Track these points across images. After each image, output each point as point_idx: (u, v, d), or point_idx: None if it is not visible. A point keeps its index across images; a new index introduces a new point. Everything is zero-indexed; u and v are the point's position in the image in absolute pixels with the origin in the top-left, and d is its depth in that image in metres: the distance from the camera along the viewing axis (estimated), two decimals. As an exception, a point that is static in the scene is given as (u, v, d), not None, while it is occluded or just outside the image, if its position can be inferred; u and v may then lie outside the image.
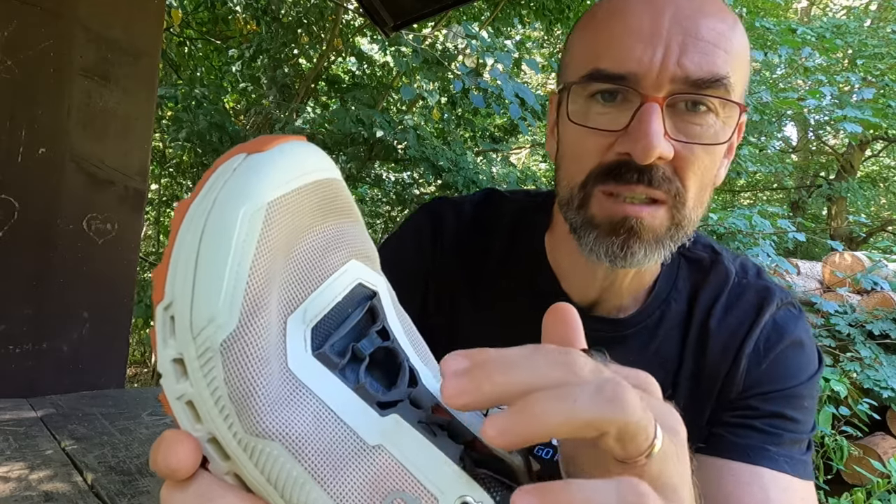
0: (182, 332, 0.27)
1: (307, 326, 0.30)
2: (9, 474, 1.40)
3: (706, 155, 0.59)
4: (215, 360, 0.27)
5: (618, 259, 0.60)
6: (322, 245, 0.32)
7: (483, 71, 4.68)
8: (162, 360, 0.28)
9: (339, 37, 5.78)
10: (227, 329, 0.27)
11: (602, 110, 0.59)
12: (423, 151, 4.92)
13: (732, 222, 3.83)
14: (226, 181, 0.29)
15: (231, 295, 0.27)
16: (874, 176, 11.41)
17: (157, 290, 0.29)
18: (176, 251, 0.28)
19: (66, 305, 2.14)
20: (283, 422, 0.28)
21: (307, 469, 0.27)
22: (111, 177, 2.24)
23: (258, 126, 5.90)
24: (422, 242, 0.77)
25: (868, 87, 5.94)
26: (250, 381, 0.27)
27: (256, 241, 0.28)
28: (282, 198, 0.29)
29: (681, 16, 0.57)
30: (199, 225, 0.28)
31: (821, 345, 3.66)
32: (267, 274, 0.29)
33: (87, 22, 2.13)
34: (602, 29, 0.60)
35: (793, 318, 0.69)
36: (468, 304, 0.75)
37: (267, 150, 0.30)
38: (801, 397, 0.66)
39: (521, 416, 0.25)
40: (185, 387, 0.28)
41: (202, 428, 0.28)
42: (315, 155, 0.33)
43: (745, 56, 0.60)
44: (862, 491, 2.87)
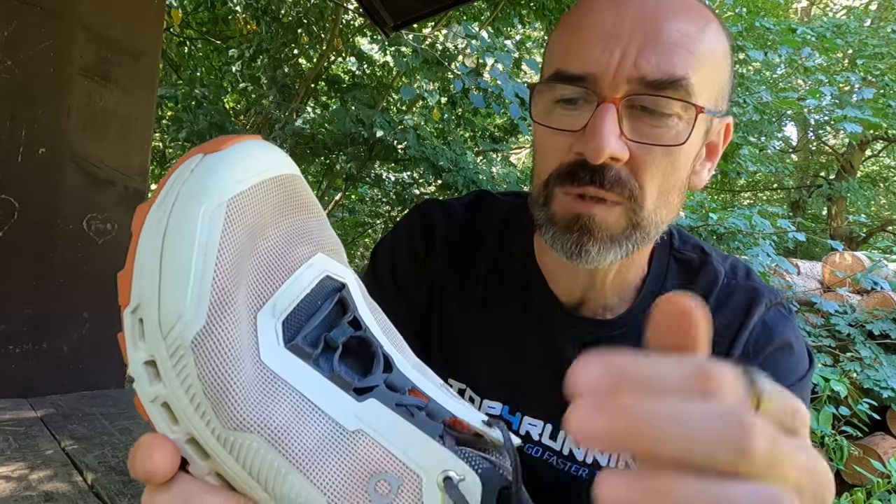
0: (152, 333, 0.28)
1: (277, 320, 0.31)
2: (9, 474, 1.40)
3: (665, 157, 0.59)
4: (187, 357, 0.27)
5: (573, 256, 0.61)
6: (286, 240, 0.33)
7: (483, 71, 4.68)
8: (133, 364, 0.29)
9: (339, 37, 5.78)
10: (197, 325, 0.27)
11: (564, 111, 0.60)
12: (423, 151, 4.92)
13: (732, 222, 3.83)
14: (184, 182, 0.29)
15: (198, 291, 0.27)
16: (874, 176, 11.42)
17: (123, 294, 0.29)
18: (139, 254, 0.28)
19: (66, 305, 2.14)
20: (261, 414, 0.28)
21: (289, 459, 0.28)
22: (111, 177, 2.24)
23: (258, 126, 5.90)
24: (414, 245, 0.78)
25: (868, 87, 5.94)
26: (224, 375, 0.27)
27: (219, 237, 0.28)
28: (241, 194, 0.30)
29: (643, 17, 0.57)
30: (160, 227, 0.28)
31: (820, 345, 3.66)
32: (233, 269, 0.29)
33: (87, 22, 2.13)
34: (569, 31, 0.61)
35: (782, 318, 0.69)
36: (461, 306, 0.75)
37: (223, 149, 0.31)
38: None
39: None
40: (158, 388, 0.28)
41: (179, 429, 0.28)
42: (271, 152, 0.33)
43: (715, 58, 0.60)
44: (862, 491, 2.88)
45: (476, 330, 0.74)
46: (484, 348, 0.74)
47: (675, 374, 0.24)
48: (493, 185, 5.31)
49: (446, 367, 0.76)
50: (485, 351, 0.74)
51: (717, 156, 0.67)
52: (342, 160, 5.77)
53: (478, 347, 0.74)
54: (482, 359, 0.74)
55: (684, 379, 0.24)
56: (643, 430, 0.22)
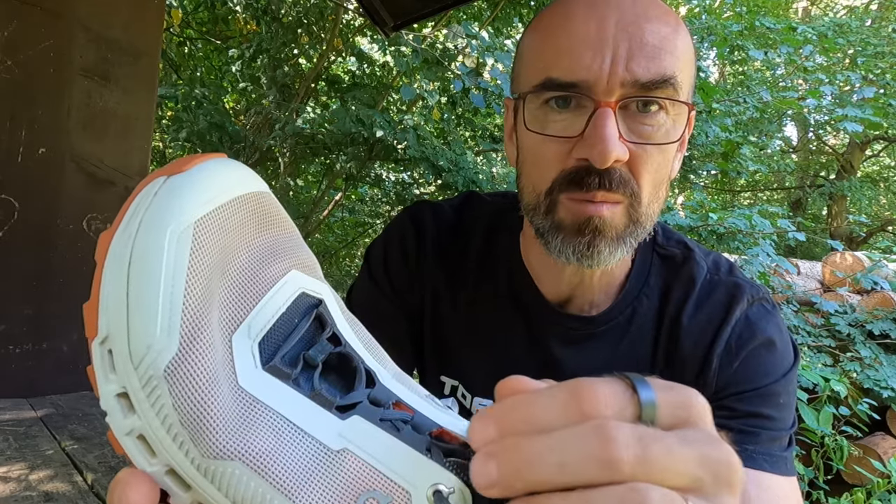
0: (122, 365, 0.27)
1: (253, 342, 0.30)
2: (9, 474, 1.40)
3: (659, 153, 0.61)
4: (161, 387, 0.26)
5: (584, 258, 0.62)
6: (258, 258, 0.32)
7: (483, 71, 4.68)
8: (105, 397, 0.28)
9: (339, 37, 5.78)
10: (169, 354, 0.26)
11: (557, 117, 0.61)
12: (423, 151, 4.92)
13: (732, 222, 3.83)
14: (147, 206, 0.28)
15: (168, 318, 0.27)
16: (874, 176, 11.42)
17: (90, 326, 0.28)
18: (104, 283, 0.27)
19: (66, 305, 2.14)
20: (241, 440, 0.27)
21: (273, 484, 0.27)
22: (111, 177, 2.24)
23: (258, 126, 5.90)
24: (406, 247, 0.79)
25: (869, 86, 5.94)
26: (200, 403, 0.27)
27: (187, 261, 0.28)
28: (207, 216, 0.29)
29: (625, 22, 0.59)
30: (125, 253, 0.27)
31: (820, 345, 3.66)
32: (203, 293, 0.28)
33: (87, 22, 2.13)
34: (550, 37, 0.62)
35: (765, 314, 0.70)
36: (451, 306, 0.76)
37: (186, 170, 0.30)
38: (776, 395, 0.67)
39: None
40: (133, 421, 0.27)
41: (157, 461, 0.28)
42: (237, 170, 0.32)
43: (689, 56, 0.63)
44: (862, 491, 2.87)
45: (466, 330, 0.75)
46: (474, 347, 0.75)
47: (552, 405, 0.26)
48: (494, 184, 5.31)
49: (439, 365, 0.78)
50: (475, 350, 0.75)
51: (685, 147, 0.69)
52: (342, 160, 5.77)
53: (468, 347, 0.75)
54: (473, 358, 0.75)
55: (561, 407, 0.25)
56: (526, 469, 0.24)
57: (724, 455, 0.26)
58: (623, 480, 0.24)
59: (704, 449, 0.26)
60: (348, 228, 7.73)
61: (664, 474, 0.24)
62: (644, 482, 0.24)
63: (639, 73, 0.57)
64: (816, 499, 2.95)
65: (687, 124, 0.63)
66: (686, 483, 0.25)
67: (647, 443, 0.24)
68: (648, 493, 0.24)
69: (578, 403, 0.26)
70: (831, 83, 5.96)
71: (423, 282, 0.77)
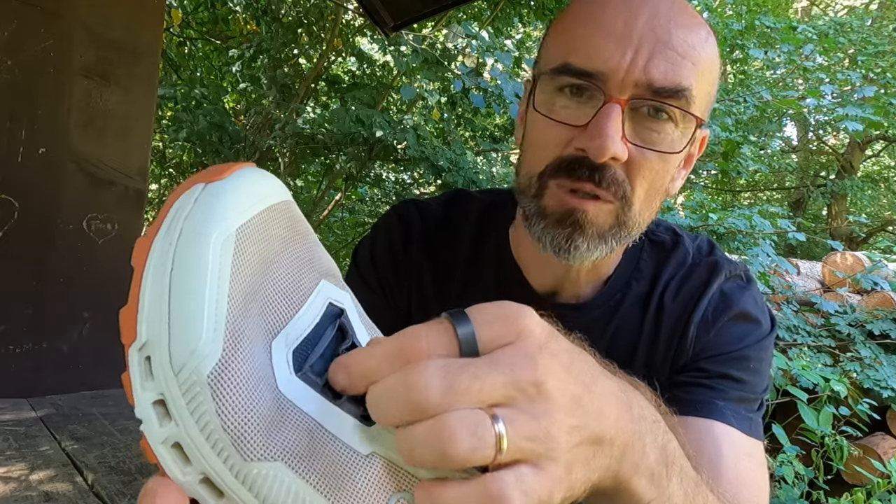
0: (161, 372, 0.27)
1: (289, 349, 0.31)
2: (9, 474, 1.40)
3: (660, 162, 0.60)
4: (203, 393, 0.26)
5: (561, 250, 0.62)
6: (295, 267, 0.33)
7: (483, 71, 4.68)
8: (141, 405, 0.28)
9: (339, 37, 5.77)
10: (213, 360, 0.27)
11: (567, 104, 0.61)
12: (423, 151, 4.92)
13: (732, 222, 3.83)
14: (188, 213, 0.28)
15: (213, 325, 0.27)
16: (874, 176, 11.41)
17: (128, 331, 0.28)
18: (144, 289, 0.27)
19: (66, 305, 2.14)
20: (283, 441, 0.28)
21: (312, 484, 0.28)
22: (111, 177, 2.24)
23: (258, 126, 5.90)
24: (393, 245, 0.79)
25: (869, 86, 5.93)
26: (245, 407, 0.27)
27: (230, 268, 0.28)
28: (248, 223, 0.30)
29: (655, 22, 0.58)
30: (166, 260, 0.27)
31: (820, 345, 3.65)
32: (245, 300, 0.28)
33: (87, 22, 2.13)
34: (578, 24, 0.61)
35: (739, 288, 0.72)
36: (439, 303, 0.77)
37: (224, 177, 0.30)
38: (747, 359, 0.69)
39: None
40: (170, 429, 0.27)
41: (192, 469, 0.28)
42: (269, 179, 0.33)
43: (711, 74, 0.62)
44: (862, 491, 2.87)
45: None
46: None
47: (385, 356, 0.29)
48: (494, 184, 5.31)
49: None
50: None
51: (692, 166, 0.70)
52: (342, 160, 5.77)
53: None
54: None
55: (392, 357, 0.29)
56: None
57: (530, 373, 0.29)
58: (431, 415, 0.27)
59: (514, 368, 0.29)
60: (348, 228, 7.73)
61: (471, 398, 0.28)
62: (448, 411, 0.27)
63: (655, 77, 0.57)
64: (816, 499, 2.95)
65: (694, 141, 0.63)
66: (496, 401, 0.28)
67: (452, 376, 0.28)
68: (449, 419, 0.27)
69: (403, 351, 0.29)
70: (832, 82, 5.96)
71: (410, 278, 0.78)
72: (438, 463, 0.27)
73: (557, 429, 0.29)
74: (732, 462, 0.62)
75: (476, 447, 0.27)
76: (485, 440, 0.27)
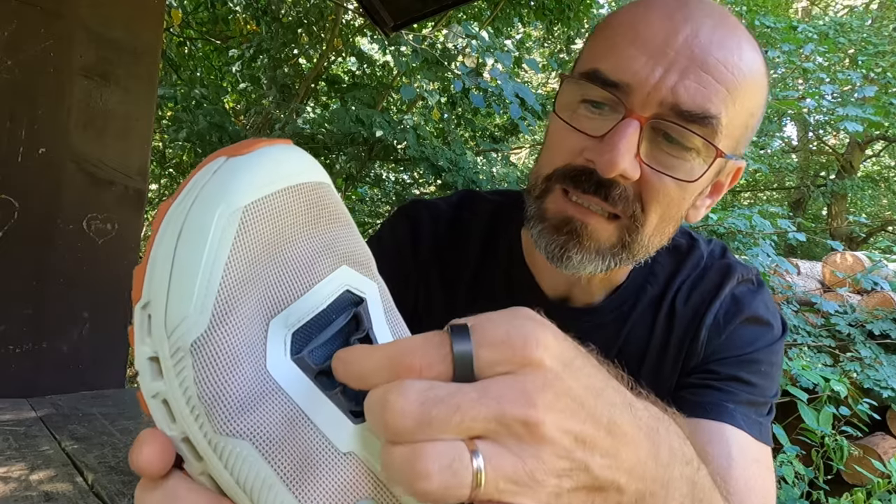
0: (157, 331, 0.28)
1: (288, 331, 0.30)
2: (9, 474, 1.40)
3: (676, 188, 0.58)
4: (186, 359, 0.27)
5: (553, 258, 0.61)
6: (310, 250, 0.33)
7: (483, 71, 4.68)
8: (139, 357, 0.29)
9: (339, 37, 5.77)
10: (198, 329, 0.27)
11: (587, 113, 0.59)
12: (423, 151, 4.92)
13: (732, 222, 3.83)
14: (205, 184, 0.29)
15: (203, 296, 0.27)
16: (874, 176, 11.41)
17: (136, 289, 0.29)
18: (154, 251, 0.29)
19: (66, 305, 2.14)
20: (255, 422, 0.28)
21: (277, 471, 0.27)
22: (111, 177, 2.24)
23: (258, 126, 5.89)
24: (400, 245, 0.78)
25: (870, 85, 5.93)
26: (220, 382, 0.27)
27: (231, 243, 0.28)
28: (259, 201, 0.29)
29: (696, 41, 0.55)
30: (176, 226, 0.28)
31: (820, 345, 3.65)
32: (243, 276, 0.29)
33: (87, 22, 2.13)
34: (617, 31, 0.59)
35: (751, 292, 0.72)
36: (447, 304, 0.76)
37: (247, 153, 0.30)
38: (758, 362, 0.68)
39: None
40: (159, 385, 0.28)
41: (176, 427, 0.28)
42: (297, 158, 0.33)
43: (751, 100, 0.58)
44: (862, 491, 2.87)
45: None
46: None
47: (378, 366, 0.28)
48: (494, 184, 5.31)
49: None
50: None
51: (720, 195, 0.68)
52: (342, 160, 5.77)
53: None
54: None
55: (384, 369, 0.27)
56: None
57: (521, 410, 0.26)
58: (407, 441, 0.26)
59: (503, 402, 0.26)
60: (348, 228, 7.71)
61: (450, 429, 0.26)
62: (425, 440, 0.25)
63: (682, 98, 0.54)
64: (816, 499, 2.95)
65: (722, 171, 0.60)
66: (479, 433, 0.26)
67: (430, 404, 0.26)
68: (423, 452, 0.25)
69: (394, 364, 0.27)
70: (832, 82, 5.96)
71: (418, 278, 0.77)
72: (411, 494, 0.25)
73: (544, 473, 0.27)
74: (742, 467, 0.61)
75: (449, 484, 0.25)
76: (460, 476, 0.25)
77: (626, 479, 0.30)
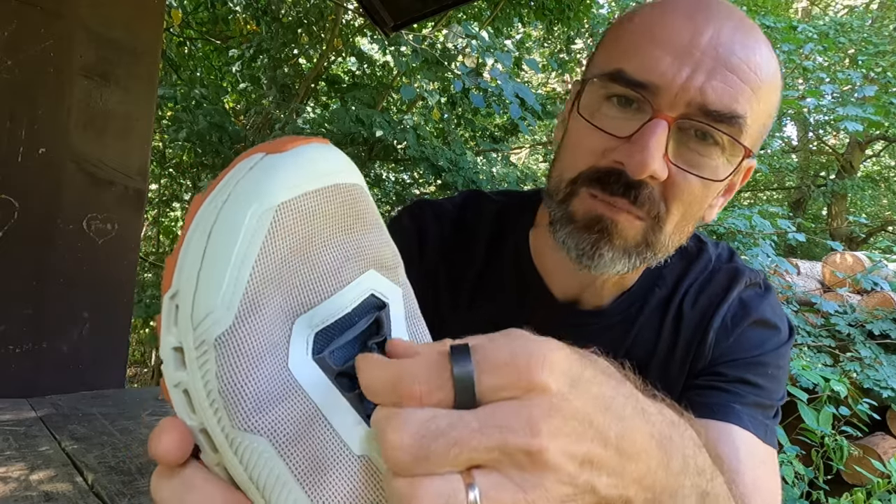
0: (183, 322, 0.28)
1: (312, 331, 0.31)
2: (9, 474, 1.40)
3: (700, 187, 0.58)
4: (209, 353, 0.27)
5: (584, 257, 0.60)
6: (339, 253, 0.33)
7: (483, 71, 4.68)
8: (164, 346, 0.29)
9: (339, 37, 5.77)
10: (223, 325, 0.27)
11: (613, 114, 0.59)
12: (423, 151, 4.92)
13: (732, 222, 3.83)
14: (239, 180, 0.30)
15: (231, 292, 0.28)
16: (874, 176, 11.41)
17: (167, 278, 0.30)
18: (186, 243, 0.29)
19: (66, 305, 2.14)
20: (272, 419, 0.28)
21: (290, 469, 0.27)
22: (111, 177, 2.24)
23: (258, 126, 5.89)
24: (405, 245, 0.77)
25: (870, 85, 5.93)
26: (241, 378, 0.28)
27: (262, 241, 0.28)
28: (292, 200, 0.30)
29: (719, 41, 0.55)
30: (209, 220, 0.29)
31: (820, 345, 3.65)
32: (271, 275, 0.29)
33: (87, 22, 2.13)
34: (638, 33, 0.59)
35: (758, 296, 0.72)
36: (453, 304, 0.75)
37: (284, 151, 0.31)
38: (765, 365, 0.69)
39: None
40: (182, 375, 0.29)
41: (195, 417, 0.29)
42: (334, 158, 0.33)
43: (769, 101, 0.59)
44: (862, 491, 2.87)
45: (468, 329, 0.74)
46: None
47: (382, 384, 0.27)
48: (494, 184, 5.31)
49: None
50: None
51: (732, 194, 0.68)
52: (342, 160, 5.75)
53: None
54: None
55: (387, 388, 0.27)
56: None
57: (525, 440, 0.26)
58: (405, 475, 0.25)
59: (505, 432, 0.26)
60: (348, 228, 7.71)
61: (447, 463, 0.25)
62: (422, 475, 0.25)
63: (710, 98, 0.54)
64: (816, 499, 2.95)
65: (739, 170, 0.61)
66: (479, 462, 0.26)
67: (429, 439, 0.25)
68: (419, 488, 0.25)
69: (396, 389, 0.27)
70: (832, 82, 5.96)
71: (426, 281, 0.76)
72: None
73: (546, 501, 0.26)
74: (749, 468, 0.61)
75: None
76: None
77: (635, 489, 0.29)
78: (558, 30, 6.24)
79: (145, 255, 6.09)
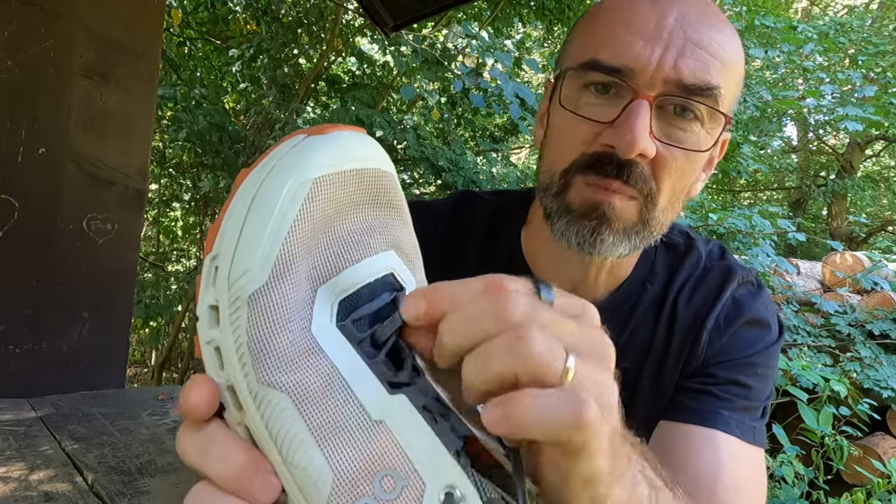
0: (221, 281, 0.30)
1: (336, 298, 0.32)
2: (9, 474, 1.40)
3: (686, 160, 0.61)
4: (242, 309, 0.30)
5: (586, 244, 0.62)
6: (363, 228, 0.35)
7: (483, 71, 4.68)
8: (201, 305, 0.32)
9: (339, 37, 5.77)
10: (258, 283, 0.30)
11: (594, 101, 0.60)
12: (423, 151, 4.92)
13: (732, 222, 3.83)
14: (282, 157, 0.32)
15: (267, 253, 0.30)
16: (874, 176, 11.41)
17: (209, 243, 0.32)
18: (229, 211, 0.32)
19: (66, 305, 2.14)
20: (295, 377, 0.29)
21: (309, 427, 0.29)
22: (111, 177, 2.24)
23: (258, 126, 5.89)
24: None
25: (870, 85, 5.93)
26: (270, 333, 0.29)
27: (297, 210, 0.31)
28: (327, 176, 0.32)
29: (685, 21, 0.58)
30: (251, 190, 0.31)
31: (820, 345, 3.65)
32: (303, 242, 0.31)
33: (87, 22, 2.13)
34: (606, 21, 0.61)
35: (751, 295, 0.73)
36: None
37: (324, 134, 0.33)
38: (756, 365, 0.70)
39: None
40: (215, 332, 0.31)
41: (223, 374, 0.30)
42: (368, 146, 0.35)
43: (737, 72, 0.62)
44: (862, 491, 2.87)
45: None
46: None
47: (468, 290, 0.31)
48: (494, 184, 5.31)
49: None
50: None
51: (712, 169, 0.70)
52: (342, 160, 5.74)
53: None
54: None
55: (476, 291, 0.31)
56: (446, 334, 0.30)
57: (600, 338, 0.31)
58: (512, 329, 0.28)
59: (584, 328, 0.31)
60: (348, 228, 7.70)
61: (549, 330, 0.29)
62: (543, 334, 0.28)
63: (685, 74, 0.57)
64: (816, 499, 2.95)
65: (719, 143, 0.63)
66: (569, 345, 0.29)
67: (537, 308, 0.29)
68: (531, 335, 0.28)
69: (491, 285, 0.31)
70: (832, 82, 5.96)
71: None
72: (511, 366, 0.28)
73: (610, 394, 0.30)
74: (731, 471, 0.63)
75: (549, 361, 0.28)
76: (556, 356, 0.28)
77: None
78: (558, 30, 6.24)
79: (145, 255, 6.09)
